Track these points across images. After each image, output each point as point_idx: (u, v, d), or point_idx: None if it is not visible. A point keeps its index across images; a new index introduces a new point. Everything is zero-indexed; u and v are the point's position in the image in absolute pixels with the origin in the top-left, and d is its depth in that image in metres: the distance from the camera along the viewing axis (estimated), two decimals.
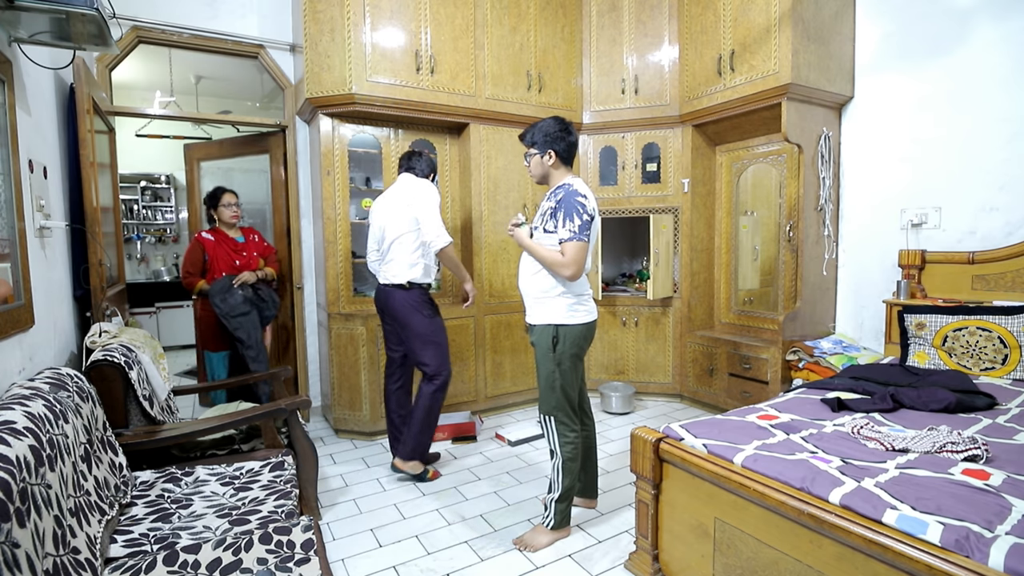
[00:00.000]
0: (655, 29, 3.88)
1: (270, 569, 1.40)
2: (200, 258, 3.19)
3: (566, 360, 2.14)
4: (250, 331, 3.15)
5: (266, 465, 2.07)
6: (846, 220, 3.46)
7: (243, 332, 3.13)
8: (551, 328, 2.13)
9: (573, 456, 2.19)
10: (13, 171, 1.67)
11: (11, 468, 1.09)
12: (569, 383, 2.16)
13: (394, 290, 2.74)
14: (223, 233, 3.26)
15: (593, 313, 2.20)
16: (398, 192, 2.77)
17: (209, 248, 3.19)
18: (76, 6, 1.53)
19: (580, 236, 2.02)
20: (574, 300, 2.14)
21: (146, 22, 3.21)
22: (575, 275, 2.05)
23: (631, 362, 4.13)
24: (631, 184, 4.06)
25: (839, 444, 1.76)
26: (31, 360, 1.77)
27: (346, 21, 3.16)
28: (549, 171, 2.20)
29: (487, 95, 3.63)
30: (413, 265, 2.72)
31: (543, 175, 2.22)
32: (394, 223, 2.72)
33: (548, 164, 2.18)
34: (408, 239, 2.70)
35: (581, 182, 2.16)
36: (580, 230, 2.02)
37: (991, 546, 1.15)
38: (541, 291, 2.16)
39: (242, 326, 3.13)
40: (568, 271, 2.04)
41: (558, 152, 2.17)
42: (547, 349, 2.14)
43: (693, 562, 1.81)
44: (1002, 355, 2.50)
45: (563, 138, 2.16)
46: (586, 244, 2.04)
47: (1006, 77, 2.76)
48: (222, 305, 3.09)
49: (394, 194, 2.79)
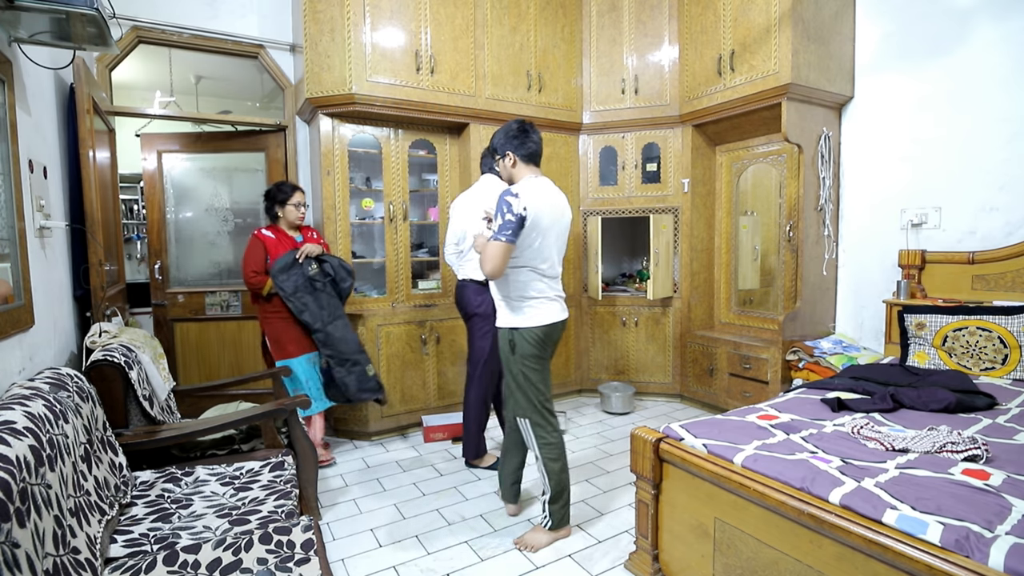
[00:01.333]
0: (655, 29, 3.88)
1: (270, 569, 1.40)
2: (263, 256, 2.88)
3: (528, 363, 2.13)
4: (316, 312, 2.84)
5: (266, 465, 2.07)
6: (846, 220, 3.46)
7: (309, 314, 2.83)
8: (507, 332, 2.16)
9: (555, 457, 2.18)
10: (13, 171, 1.67)
11: (11, 468, 1.09)
12: (533, 386, 2.16)
13: (470, 284, 2.82)
14: (283, 231, 2.98)
15: (552, 315, 2.15)
16: (479, 193, 2.81)
17: (271, 246, 2.91)
18: (76, 6, 1.53)
19: (498, 236, 2.00)
20: (525, 303, 2.13)
21: (146, 22, 3.21)
22: (490, 274, 2.04)
23: (631, 362, 4.13)
24: (631, 184, 4.06)
25: (839, 444, 1.76)
26: (31, 360, 1.77)
27: (346, 21, 3.16)
28: (512, 173, 2.20)
29: (487, 95, 3.62)
30: None
31: (508, 177, 2.23)
32: (474, 224, 2.74)
33: (509, 166, 2.19)
34: None
35: (536, 184, 2.12)
36: (500, 230, 2.00)
37: (991, 546, 1.15)
38: (499, 295, 2.20)
39: (307, 307, 2.83)
40: (484, 269, 2.05)
41: (516, 153, 2.17)
42: (507, 353, 2.17)
43: (693, 562, 1.81)
44: (1002, 355, 2.50)
45: (520, 139, 2.16)
46: (505, 244, 2.00)
47: (1006, 77, 2.76)
48: (285, 285, 2.79)
49: (475, 194, 2.83)
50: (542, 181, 2.17)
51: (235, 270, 3.89)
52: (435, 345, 3.58)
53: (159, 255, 3.71)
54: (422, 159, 3.83)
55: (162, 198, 3.74)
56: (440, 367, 3.62)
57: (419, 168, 3.96)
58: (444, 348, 3.62)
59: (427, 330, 3.55)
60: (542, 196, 2.10)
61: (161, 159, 3.74)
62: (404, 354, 3.48)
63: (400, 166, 3.59)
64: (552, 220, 2.13)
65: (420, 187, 3.93)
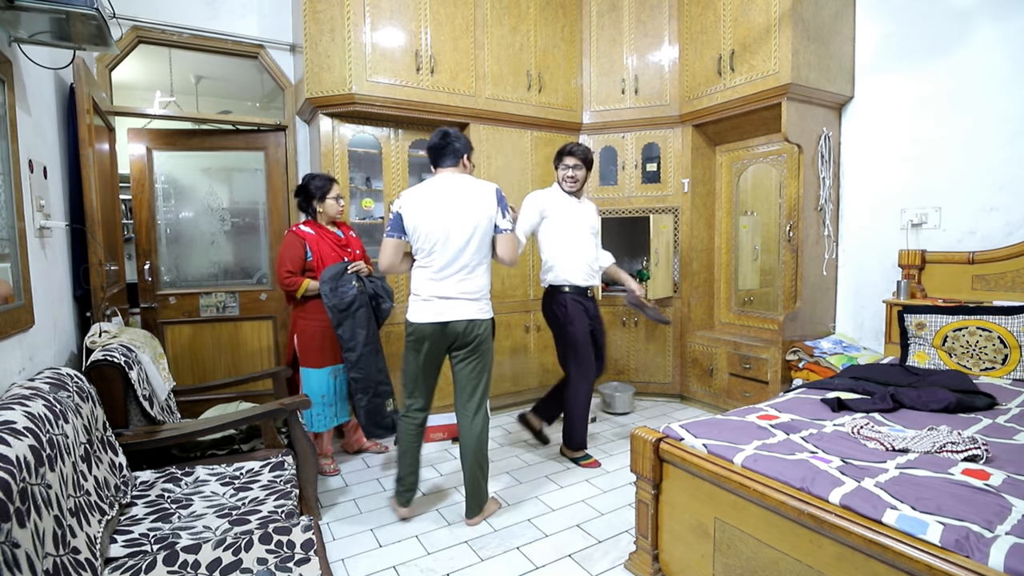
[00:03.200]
0: (655, 29, 3.88)
1: (270, 569, 1.40)
2: (302, 254, 2.72)
3: (406, 349, 2.38)
4: (354, 330, 2.69)
5: (266, 465, 2.07)
6: (846, 220, 3.46)
7: (346, 329, 2.68)
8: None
9: (399, 440, 2.44)
10: (13, 171, 1.67)
11: (11, 468, 1.09)
12: (402, 371, 2.41)
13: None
14: (322, 227, 2.83)
15: (418, 315, 2.29)
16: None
17: (312, 243, 2.75)
18: (76, 6, 1.53)
19: (385, 233, 2.29)
20: (411, 296, 2.34)
21: (146, 22, 3.21)
22: (383, 268, 2.31)
23: (631, 362, 4.13)
24: (631, 184, 4.06)
25: (839, 444, 1.76)
26: (31, 360, 1.77)
27: (346, 21, 3.16)
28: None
29: (487, 95, 3.63)
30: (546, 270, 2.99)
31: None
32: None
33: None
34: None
35: (423, 184, 2.30)
36: (386, 227, 2.30)
37: (991, 546, 1.15)
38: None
39: (345, 322, 2.68)
40: (379, 264, 2.33)
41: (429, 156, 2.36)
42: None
43: (693, 562, 1.81)
44: (1002, 355, 2.50)
45: (430, 142, 2.34)
46: (387, 239, 2.27)
47: (1006, 77, 2.76)
48: (331, 295, 2.64)
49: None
50: (436, 180, 2.30)
51: (233, 271, 3.87)
52: None
53: (148, 255, 3.58)
54: (422, 159, 3.82)
55: (151, 196, 3.60)
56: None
57: (419, 168, 3.96)
58: None
59: None
60: (421, 196, 2.26)
61: (151, 155, 3.61)
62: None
63: (400, 166, 3.59)
64: (436, 219, 2.22)
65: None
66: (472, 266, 2.27)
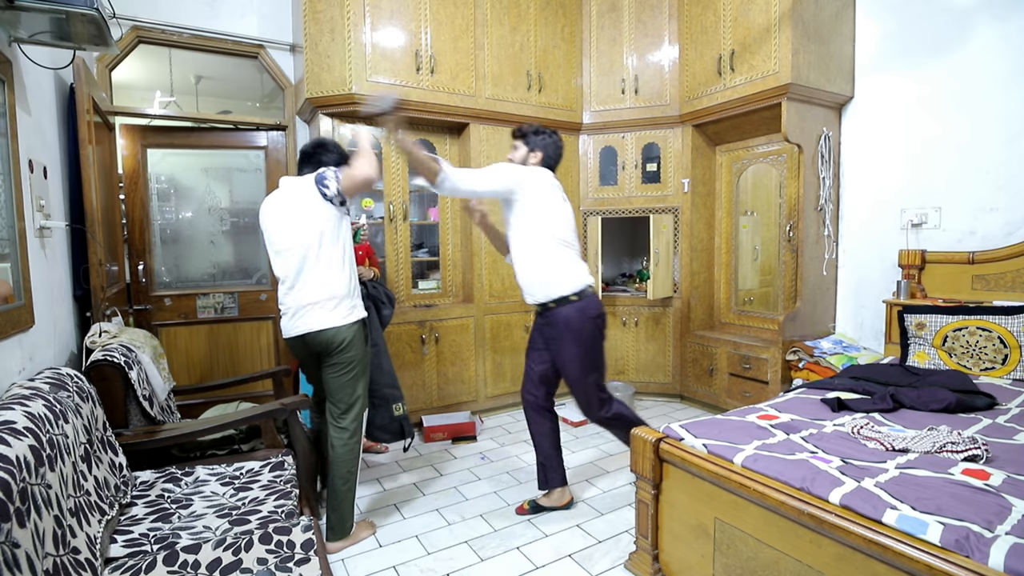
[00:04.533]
0: (655, 29, 3.88)
1: (270, 569, 1.40)
2: None
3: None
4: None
5: (266, 465, 2.06)
6: (846, 220, 3.46)
7: None
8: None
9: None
10: (13, 171, 1.67)
11: (11, 468, 1.09)
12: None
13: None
14: None
15: (286, 329, 2.17)
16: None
17: None
18: (76, 6, 1.53)
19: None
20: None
21: (146, 22, 3.21)
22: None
23: (631, 362, 4.13)
24: (631, 184, 4.06)
25: (839, 444, 1.76)
26: (31, 360, 1.77)
27: (346, 21, 3.16)
28: None
29: (487, 95, 3.63)
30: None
31: None
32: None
33: None
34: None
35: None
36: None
37: (991, 546, 1.15)
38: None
39: None
40: None
41: None
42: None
43: (693, 562, 1.81)
44: (1002, 355, 2.50)
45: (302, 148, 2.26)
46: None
47: (1006, 77, 2.76)
48: None
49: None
50: (281, 184, 2.18)
51: (232, 271, 3.86)
52: (435, 345, 3.58)
53: (142, 256, 3.50)
54: None
55: (145, 195, 3.52)
56: (440, 367, 3.62)
57: None
58: (444, 348, 3.62)
59: (427, 330, 3.54)
60: (267, 201, 2.18)
61: (145, 153, 3.52)
62: (404, 354, 3.48)
63: (400, 166, 3.60)
64: (268, 223, 2.14)
65: (420, 187, 3.93)
66: (307, 275, 2.08)
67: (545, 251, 2.25)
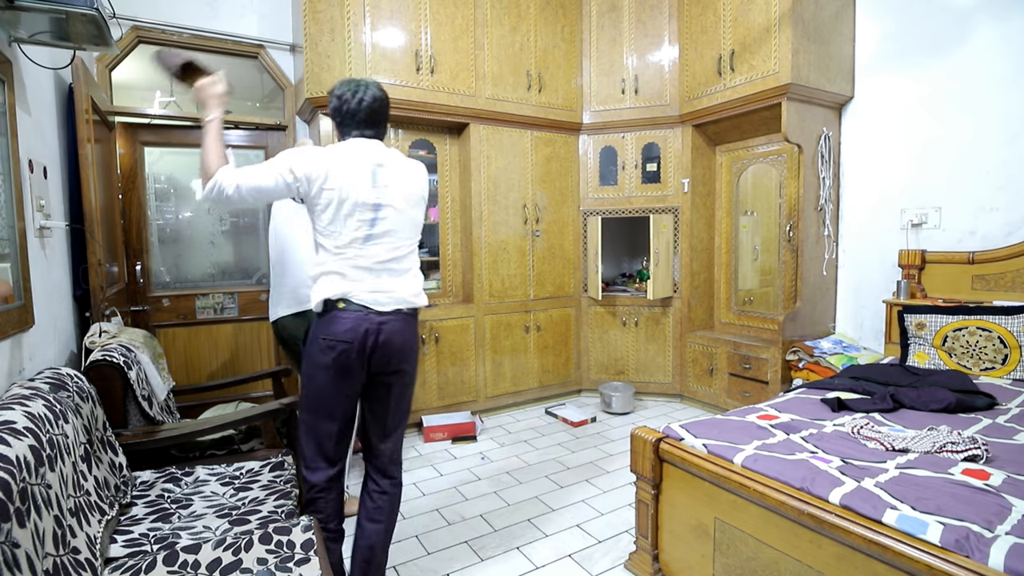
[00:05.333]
0: (655, 29, 3.88)
1: (270, 569, 1.40)
2: None
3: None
4: None
5: (266, 465, 2.06)
6: (846, 220, 3.46)
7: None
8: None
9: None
10: (13, 171, 1.67)
11: (11, 468, 1.09)
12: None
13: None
14: None
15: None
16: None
17: None
18: (76, 6, 1.53)
19: None
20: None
21: (146, 22, 3.21)
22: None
23: (631, 362, 4.13)
24: (631, 184, 4.06)
25: (839, 444, 1.76)
26: (31, 360, 1.77)
27: (346, 21, 3.16)
28: None
29: (487, 95, 3.63)
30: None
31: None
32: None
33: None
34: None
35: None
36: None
37: (991, 546, 1.15)
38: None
39: None
40: None
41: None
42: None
43: (693, 562, 1.81)
44: (1002, 355, 2.50)
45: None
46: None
47: (1006, 77, 2.76)
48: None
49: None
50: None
51: (232, 271, 3.86)
52: (435, 345, 3.58)
53: (139, 256, 3.48)
54: (422, 159, 3.83)
55: (143, 194, 3.51)
56: (440, 367, 3.62)
57: None
58: (444, 348, 3.62)
59: (427, 330, 3.54)
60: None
61: (142, 152, 3.50)
62: None
63: None
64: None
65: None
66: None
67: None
